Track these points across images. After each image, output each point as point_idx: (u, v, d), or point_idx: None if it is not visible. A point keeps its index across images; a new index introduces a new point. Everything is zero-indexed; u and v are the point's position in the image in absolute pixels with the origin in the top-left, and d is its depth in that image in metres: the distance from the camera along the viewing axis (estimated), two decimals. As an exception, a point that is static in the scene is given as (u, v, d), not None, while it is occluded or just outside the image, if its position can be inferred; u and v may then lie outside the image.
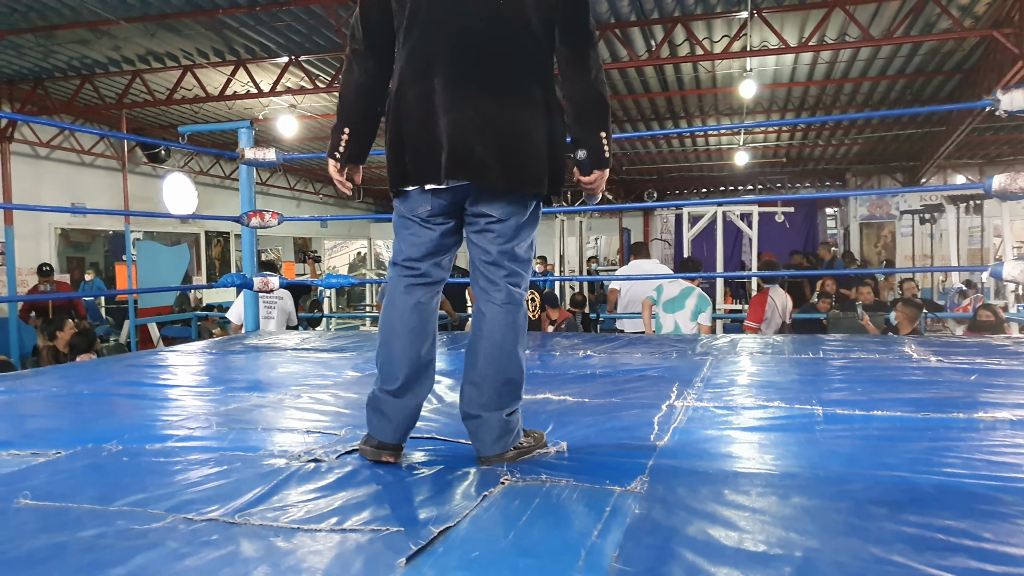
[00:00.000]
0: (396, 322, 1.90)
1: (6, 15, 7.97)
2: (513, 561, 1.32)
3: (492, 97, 1.81)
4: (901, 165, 17.86)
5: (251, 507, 1.58)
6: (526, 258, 1.96)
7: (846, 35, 8.85)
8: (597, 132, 1.89)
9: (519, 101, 1.83)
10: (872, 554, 1.31)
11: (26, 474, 1.86)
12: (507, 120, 1.82)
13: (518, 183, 1.84)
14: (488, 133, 1.80)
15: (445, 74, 1.81)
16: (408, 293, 1.92)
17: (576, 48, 1.86)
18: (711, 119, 13.56)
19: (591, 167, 1.93)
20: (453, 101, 1.80)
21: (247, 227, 5.03)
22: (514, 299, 1.92)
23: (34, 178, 11.59)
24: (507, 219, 1.88)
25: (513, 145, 1.82)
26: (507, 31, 1.83)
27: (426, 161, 1.82)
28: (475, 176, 1.81)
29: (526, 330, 1.95)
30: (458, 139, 1.79)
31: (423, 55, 1.85)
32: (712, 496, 1.62)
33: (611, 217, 21.52)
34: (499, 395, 1.88)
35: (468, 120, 1.80)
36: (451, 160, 1.79)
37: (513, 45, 1.83)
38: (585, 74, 1.86)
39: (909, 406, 2.43)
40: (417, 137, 1.84)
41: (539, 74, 1.86)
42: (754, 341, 4.29)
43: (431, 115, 1.81)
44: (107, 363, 4.20)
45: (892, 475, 1.74)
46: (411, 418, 1.91)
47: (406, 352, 1.88)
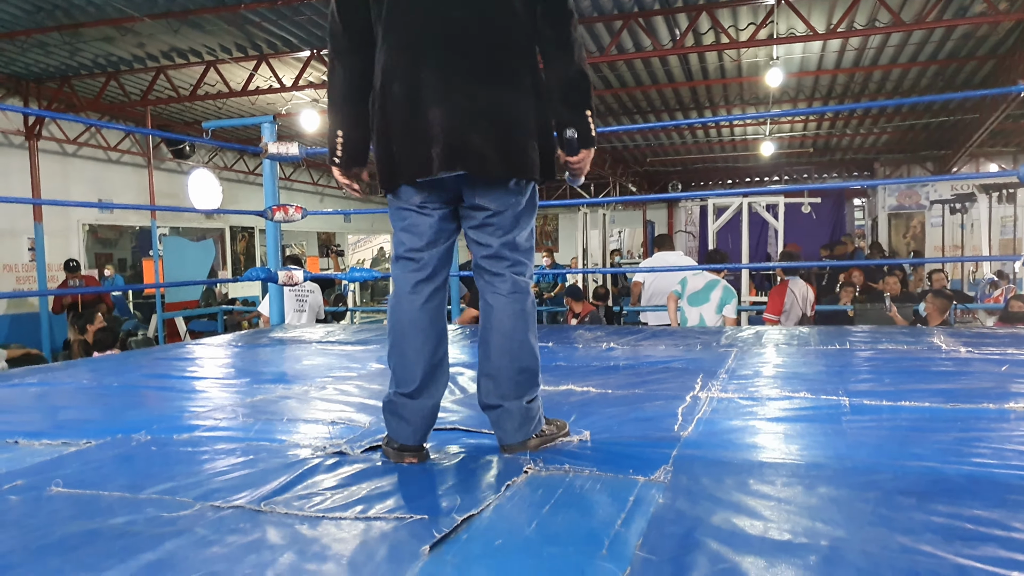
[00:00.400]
0: (406, 324, 1.87)
1: (32, 14, 8.08)
2: (537, 549, 1.32)
3: (482, 85, 1.78)
4: (931, 154, 17.58)
5: (277, 495, 1.59)
6: (527, 247, 1.94)
7: (876, 20, 8.71)
8: (583, 111, 1.85)
9: (509, 87, 1.80)
10: (900, 544, 1.29)
11: (58, 463, 1.89)
12: (499, 107, 1.79)
13: (517, 170, 1.81)
14: (482, 122, 1.77)
15: (431, 64, 1.78)
16: (415, 292, 1.88)
17: (558, 28, 1.82)
18: (736, 109, 13.42)
19: (579, 147, 1.89)
20: (443, 91, 1.77)
21: (271, 222, 5.07)
22: (520, 288, 1.91)
23: (62, 175, 11.77)
24: (505, 210, 1.86)
25: (508, 132, 1.79)
26: (490, 16, 1.79)
27: (416, 155, 1.78)
28: (473, 166, 1.77)
29: (536, 317, 1.94)
30: (453, 129, 1.76)
31: (406, 47, 1.81)
32: (737, 486, 1.61)
33: (635, 209, 21.42)
34: (516, 384, 1.88)
35: (461, 109, 1.76)
36: (446, 151, 1.76)
37: (498, 30, 1.80)
38: (568, 53, 1.82)
39: (938, 397, 2.40)
40: (406, 131, 1.80)
41: (525, 58, 1.84)
42: (779, 333, 4.25)
43: (419, 107, 1.77)
44: (135, 356, 4.27)
45: (920, 465, 1.72)
46: (430, 418, 1.88)
47: (419, 353, 1.86)
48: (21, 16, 8.16)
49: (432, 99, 1.77)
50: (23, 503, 1.59)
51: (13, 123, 10.77)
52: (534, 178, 1.86)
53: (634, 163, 19.59)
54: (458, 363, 3.28)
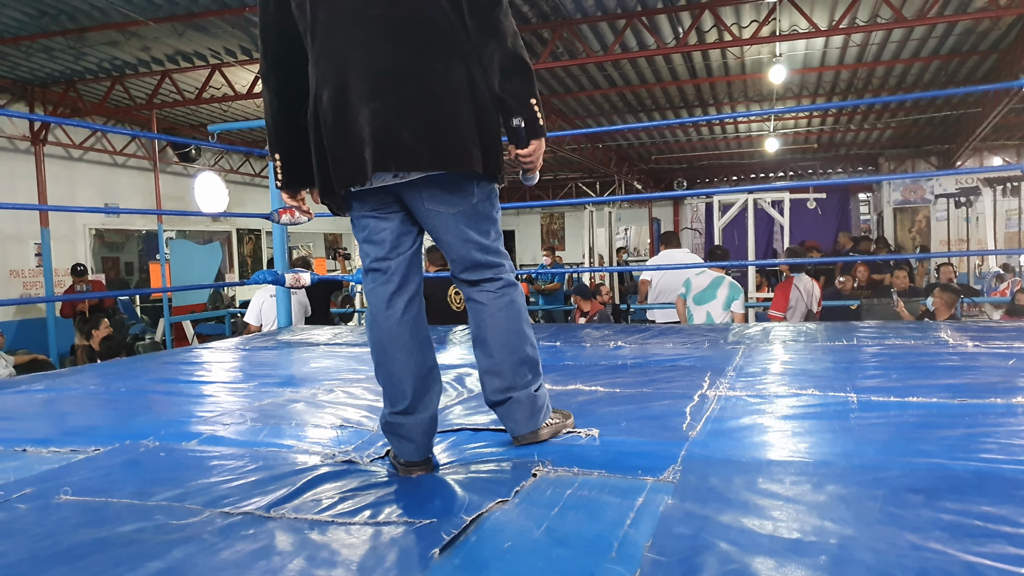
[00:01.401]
0: (386, 342, 1.83)
1: (37, 19, 8.11)
2: (546, 552, 1.32)
3: (410, 81, 1.73)
4: (935, 148, 17.51)
5: (285, 501, 1.60)
6: (495, 246, 1.90)
7: (878, 16, 8.68)
8: (527, 99, 1.77)
9: (439, 80, 1.74)
10: (909, 541, 1.29)
11: (66, 470, 1.90)
12: (430, 103, 1.73)
13: (453, 164, 1.74)
14: (412, 118, 1.71)
15: (358, 67, 1.73)
16: (390, 307, 1.83)
17: (485, 16, 1.75)
18: (740, 106, 13.39)
19: (528, 137, 1.80)
20: (371, 92, 1.72)
21: (278, 224, 5.07)
22: (506, 282, 1.90)
23: (68, 180, 11.80)
24: (455, 211, 1.81)
25: (439, 127, 1.73)
26: (415, 9, 1.74)
27: (349, 162, 1.74)
28: (404, 164, 1.72)
29: (525, 307, 1.94)
30: (382, 128, 1.71)
31: (332, 53, 1.77)
32: (745, 485, 1.60)
33: (640, 207, 21.38)
34: (520, 375, 1.89)
35: (390, 108, 1.71)
36: (377, 151, 1.71)
37: (423, 25, 1.75)
38: (501, 40, 1.75)
39: (945, 392, 2.39)
40: (337, 137, 1.75)
41: (457, 50, 1.76)
42: (787, 329, 4.24)
43: (349, 111, 1.73)
44: (143, 361, 4.28)
45: (928, 462, 1.71)
46: (429, 431, 1.84)
47: (405, 369, 1.82)
48: (26, 21, 8.19)
49: (360, 102, 1.72)
50: (32, 511, 1.59)
51: (19, 128, 10.81)
52: (475, 170, 1.77)
53: (639, 161, 19.57)
54: (466, 363, 3.29)
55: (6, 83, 10.36)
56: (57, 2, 7.69)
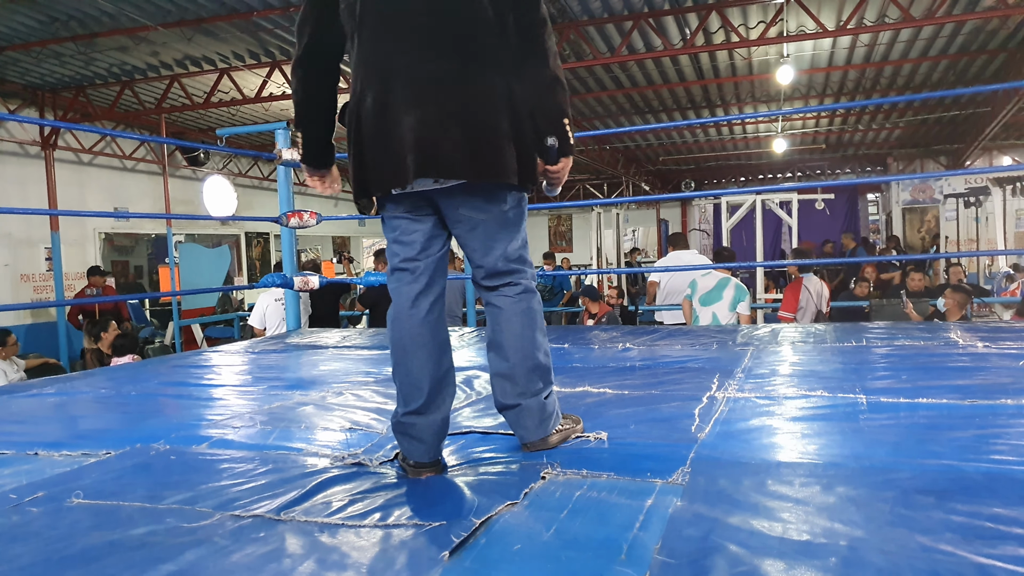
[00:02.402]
0: (407, 341, 1.86)
1: (47, 25, 8.16)
2: (555, 554, 1.32)
3: (453, 91, 1.78)
4: (944, 148, 17.43)
5: (295, 504, 1.60)
6: (520, 254, 1.94)
7: (886, 16, 8.65)
8: (560, 118, 1.84)
9: (480, 93, 1.80)
10: (919, 543, 1.28)
11: (78, 474, 1.91)
12: (471, 113, 1.78)
13: (491, 174, 1.80)
14: (453, 128, 1.77)
15: (403, 73, 1.79)
16: (415, 307, 1.87)
17: (529, 36, 1.81)
18: (748, 107, 13.36)
19: (559, 155, 1.87)
20: (415, 99, 1.77)
21: (286, 227, 5.10)
22: (526, 288, 1.93)
23: (78, 184, 11.87)
24: (487, 218, 1.86)
25: (480, 138, 1.78)
26: (460, 24, 1.80)
27: (391, 165, 1.79)
28: (445, 172, 1.77)
29: (542, 314, 1.97)
30: (425, 136, 1.76)
31: (378, 57, 1.82)
32: (754, 487, 1.60)
33: (648, 208, 21.36)
34: (531, 381, 1.90)
35: (432, 116, 1.77)
36: (419, 159, 1.76)
37: (468, 37, 1.80)
38: (542, 60, 1.81)
39: (956, 393, 2.38)
40: (379, 142, 1.81)
41: (497, 63, 1.82)
42: (795, 330, 4.23)
43: (392, 118, 1.79)
44: (153, 364, 4.30)
45: (939, 463, 1.71)
46: (440, 432, 1.86)
47: (424, 368, 1.84)
48: (36, 27, 8.24)
49: (404, 108, 1.78)
50: (44, 515, 1.61)
51: (29, 133, 10.88)
52: (511, 181, 1.83)
53: (647, 162, 19.55)
54: (473, 366, 3.29)
55: (17, 88, 10.44)
56: (67, 8, 7.74)
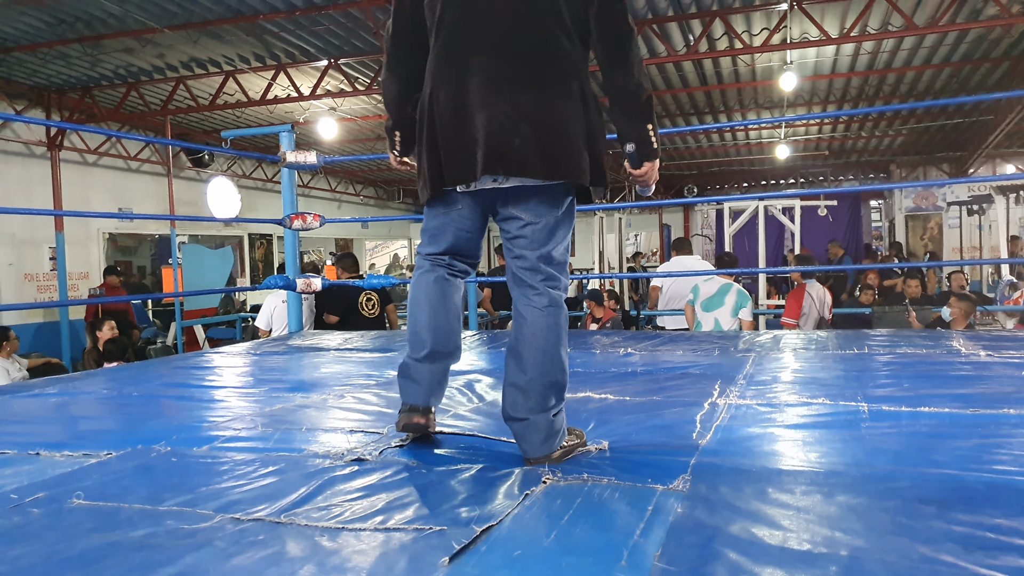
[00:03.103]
0: (420, 295, 2.01)
1: (54, 26, 8.19)
2: (556, 560, 1.32)
3: (527, 91, 1.82)
4: (948, 155, 17.43)
5: (296, 507, 1.60)
6: (562, 260, 1.97)
7: (889, 24, 8.66)
8: (643, 124, 1.89)
9: (554, 94, 1.83)
10: (920, 553, 1.28)
11: (79, 475, 1.91)
12: (543, 113, 1.82)
13: (558, 174, 1.84)
14: (524, 127, 1.80)
15: (478, 72, 1.83)
16: (432, 271, 2.02)
17: (615, 43, 1.85)
18: (751, 113, 13.37)
19: (640, 160, 1.94)
20: (488, 98, 1.82)
21: (290, 229, 5.10)
22: (555, 302, 1.93)
23: (83, 184, 11.90)
24: (538, 221, 1.90)
25: (551, 137, 1.82)
26: (538, 25, 1.83)
27: (461, 160, 1.84)
28: (514, 169, 1.82)
29: (567, 330, 1.96)
30: (496, 134, 1.80)
31: (454, 55, 1.87)
32: (756, 494, 1.60)
33: (651, 213, 21.36)
34: (545, 397, 1.89)
35: (504, 115, 1.80)
36: (488, 155, 1.80)
37: (545, 39, 1.83)
38: (627, 69, 1.85)
39: (958, 402, 2.38)
40: (451, 137, 1.85)
41: (573, 67, 1.86)
42: (797, 337, 4.23)
43: (465, 114, 1.83)
44: (155, 365, 4.30)
45: (940, 473, 1.71)
46: (438, 381, 2.00)
47: (430, 321, 1.98)
48: (43, 29, 8.28)
49: (477, 105, 1.82)
50: (45, 516, 1.60)
51: (35, 134, 10.91)
52: (581, 182, 1.88)
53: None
54: (476, 370, 3.29)
55: (23, 89, 10.47)
56: (74, 10, 7.78)
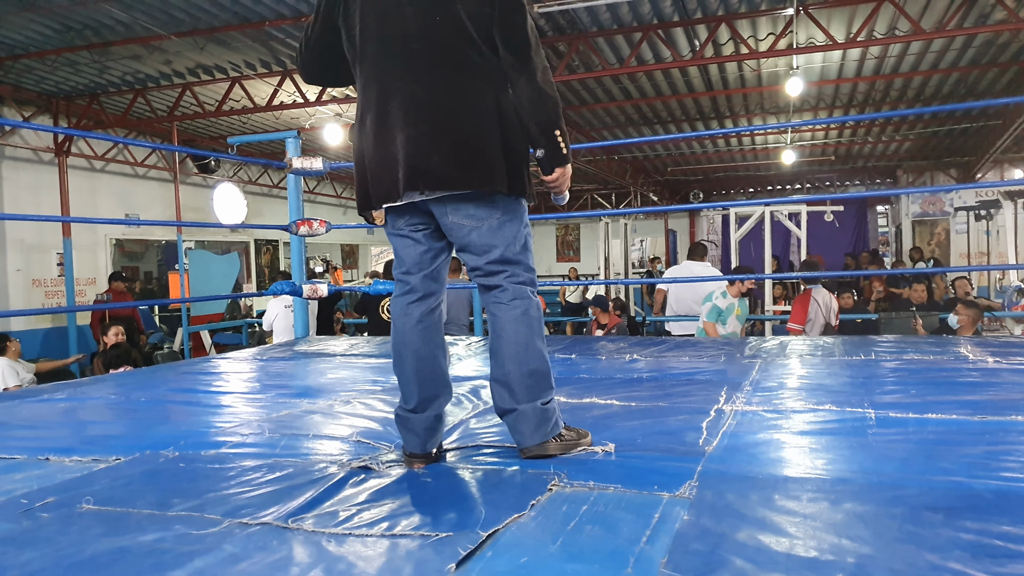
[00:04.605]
0: (401, 347, 2.00)
1: (63, 33, 8.24)
2: (561, 567, 1.32)
3: (443, 109, 1.90)
4: (955, 160, 17.39)
5: (303, 512, 1.61)
6: (519, 259, 2.00)
7: (896, 29, 8.65)
8: (550, 130, 1.93)
9: (469, 109, 1.90)
10: (928, 561, 1.28)
11: (88, 480, 1.92)
12: (459, 128, 1.89)
13: (476, 184, 1.89)
14: (442, 143, 1.88)
15: (398, 96, 1.92)
16: (406, 315, 2.01)
17: (516, 53, 1.91)
18: (757, 118, 13.37)
19: (550, 165, 1.97)
20: (407, 119, 1.90)
21: (296, 235, 5.12)
22: (520, 294, 1.98)
23: (90, 190, 11.95)
24: (480, 225, 1.94)
25: (467, 151, 1.89)
26: (450, 46, 1.91)
27: (385, 181, 1.92)
28: (433, 184, 1.88)
29: (542, 321, 2.01)
30: (414, 153, 1.88)
31: (377, 82, 1.96)
32: (762, 501, 1.60)
33: (656, 219, 21.36)
34: (527, 387, 1.94)
35: (421, 134, 1.88)
36: (409, 174, 1.88)
37: (457, 58, 1.91)
38: (529, 76, 1.90)
39: (966, 409, 2.37)
40: (375, 159, 1.94)
41: (487, 81, 1.92)
42: (803, 343, 4.22)
43: (387, 136, 1.91)
44: (162, 370, 4.32)
45: (948, 480, 1.70)
46: (432, 429, 2.00)
47: (415, 373, 1.98)
48: (52, 36, 8.33)
49: (397, 127, 1.91)
50: (55, 520, 1.61)
51: (43, 140, 10.97)
52: (499, 190, 1.91)
53: (655, 173, 19.56)
54: (480, 376, 3.30)
55: (32, 96, 10.53)
56: (82, 17, 7.83)
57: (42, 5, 7.36)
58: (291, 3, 7.70)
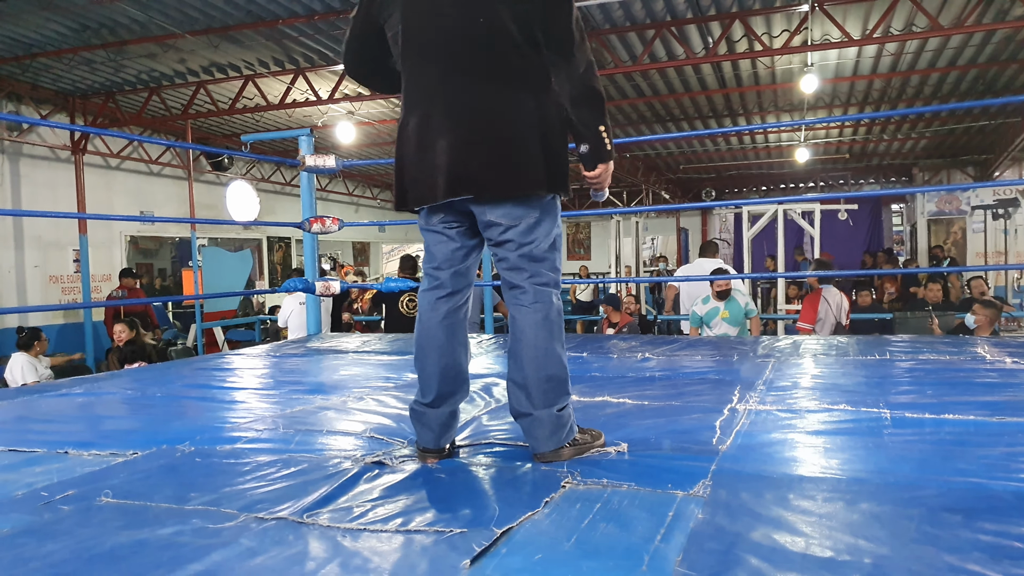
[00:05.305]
0: (424, 340, 2.03)
1: (79, 32, 8.30)
2: (576, 564, 1.32)
3: (483, 113, 1.91)
4: (972, 158, 17.23)
5: (318, 507, 1.62)
6: (546, 257, 2.00)
7: (913, 25, 8.58)
8: (595, 127, 1.94)
9: (510, 111, 1.91)
10: (946, 562, 1.27)
11: (107, 473, 1.94)
12: (500, 133, 1.91)
13: (516, 189, 1.91)
14: (482, 148, 1.90)
15: (440, 101, 1.93)
16: (433, 309, 2.03)
17: (559, 50, 1.91)
18: (771, 116, 13.29)
19: (593, 161, 1.97)
20: (448, 125, 1.91)
21: (309, 233, 5.14)
22: (541, 298, 1.97)
23: (106, 188, 12.04)
24: (517, 223, 1.95)
25: (508, 155, 1.90)
26: (492, 48, 1.91)
27: (424, 183, 1.94)
28: (475, 190, 1.90)
29: (561, 325, 2.00)
30: (455, 159, 1.90)
31: (420, 85, 1.98)
32: (777, 501, 1.59)
33: (668, 217, 21.29)
34: (544, 393, 1.93)
35: (462, 139, 1.90)
36: (449, 179, 1.90)
37: (499, 60, 1.91)
38: (573, 72, 1.90)
39: (983, 409, 2.35)
40: (416, 162, 1.96)
41: (528, 81, 1.93)
42: (817, 342, 4.20)
43: (429, 140, 1.93)
44: (177, 366, 4.35)
45: (966, 481, 1.69)
46: (448, 425, 2.03)
47: (435, 367, 2.00)
48: (68, 35, 8.39)
49: (439, 132, 1.92)
50: (75, 513, 1.63)
51: (60, 138, 11.06)
52: (539, 192, 1.94)
53: (667, 170, 19.49)
54: (493, 374, 3.30)
55: (49, 94, 10.62)
56: (99, 16, 7.88)
57: (60, 4, 7.41)
58: (305, 1, 7.72)
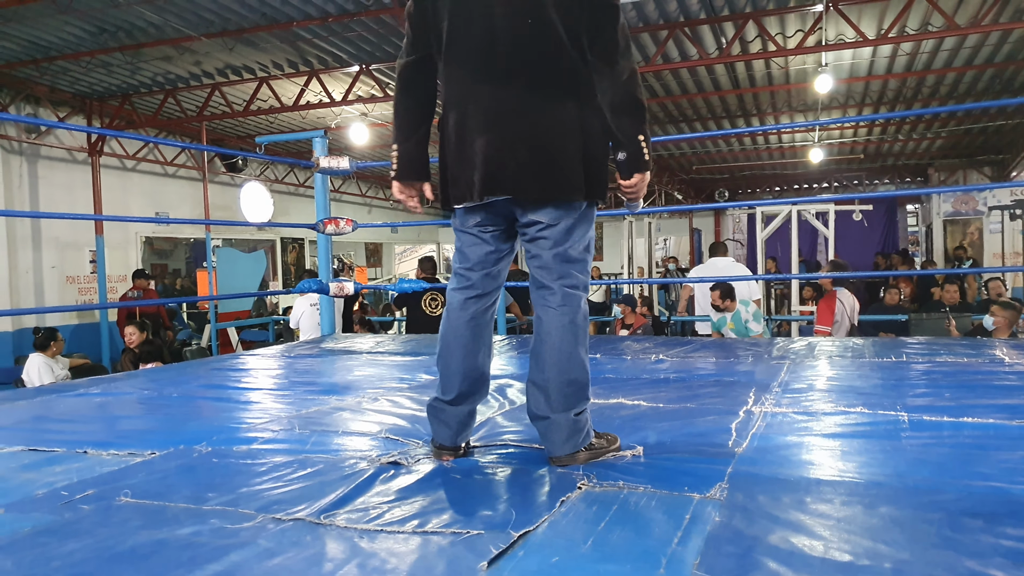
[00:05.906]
0: (451, 337, 2.03)
1: (96, 35, 8.38)
2: (593, 567, 1.32)
3: (524, 115, 1.89)
4: (989, 158, 17.07)
5: (335, 508, 1.62)
6: (580, 259, 1.99)
7: (929, 24, 8.52)
8: (634, 136, 1.91)
9: (551, 115, 1.90)
10: (968, 567, 1.26)
11: (125, 473, 1.96)
12: (539, 135, 1.89)
13: (555, 192, 1.90)
14: (521, 149, 1.88)
15: (480, 99, 1.92)
16: (463, 308, 2.03)
17: (604, 56, 1.88)
18: (784, 116, 13.23)
19: (630, 170, 1.94)
20: (487, 123, 1.90)
21: (323, 234, 5.16)
22: (570, 301, 1.96)
23: (122, 189, 12.13)
24: (556, 223, 1.94)
25: (546, 159, 1.88)
26: (537, 48, 1.89)
27: (463, 182, 1.94)
28: (512, 191, 1.89)
29: (587, 330, 1.99)
30: (493, 158, 1.88)
31: (458, 81, 1.96)
32: (794, 504, 1.59)
33: (681, 218, 21.23)
34: (564, 396, 1.92)
35: (501, 139, 1.89)
36: (486, 178, 1.89)
37: (543, 61, 1.89)
38: (615, 80, 1.88)
39: (1003, 412, 2.33)
40: (455, 159, 1.96)
41: (571, 85, 1.91)
42: (832, 344, 4.18)
43: (467, 138, 1.92)
44: (192, 367, 4.37)
45: (987, 485, 1.68)
46: (466, 423, 2.04)
47: (460, 366, 2.01)
48: (86, 38, 8.47)
49: (477, 129, 1.91)
50: (95, 512, 1.65)
51: (77, 140, 11.15)
52: (575, 199, 1.92)
53: (680, 171, 19.43)
54: (506, 375, 3.30)
55: (66, 97, 10.72)
56: (115, 20, 7.95)
57: (77, 8, 7.48)
58: (318, 3, 7.75)
